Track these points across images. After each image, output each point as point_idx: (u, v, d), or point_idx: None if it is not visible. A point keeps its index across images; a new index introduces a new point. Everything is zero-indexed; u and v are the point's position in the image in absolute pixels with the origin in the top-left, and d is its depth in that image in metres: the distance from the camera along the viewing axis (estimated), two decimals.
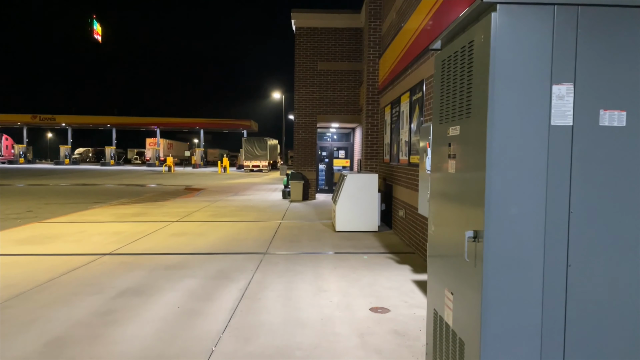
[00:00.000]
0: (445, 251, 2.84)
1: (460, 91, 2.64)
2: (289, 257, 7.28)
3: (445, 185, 2.88)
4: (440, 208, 2.97)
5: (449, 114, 2.82)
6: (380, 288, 5.65)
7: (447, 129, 2.86)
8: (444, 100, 2.93)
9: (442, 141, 2.95)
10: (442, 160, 2.96)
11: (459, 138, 2.65)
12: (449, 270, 2.77)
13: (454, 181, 2.71)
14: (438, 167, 3.05)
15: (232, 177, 34.72)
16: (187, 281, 5.90)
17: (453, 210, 2.72)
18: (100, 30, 51.29)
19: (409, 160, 8.34)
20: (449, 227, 2.78)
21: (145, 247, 7.99)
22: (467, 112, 2.53)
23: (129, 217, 11.81)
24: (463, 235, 2.53)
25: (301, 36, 16.51)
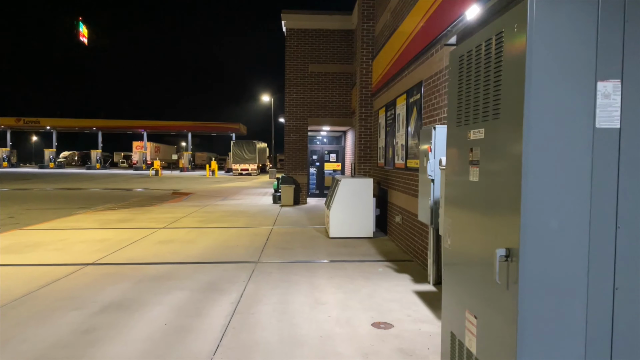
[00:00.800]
0: (467, 269, 2.54)
1: (485, 90, 2.34)
2: (283, 266, 6.95)
3: (465, 195, 2.58)
4: (458, 220, 2.67)
5: (470, 116, 2.53)
6: (381, 300, 5.34)
7: (467, 133, 2.56)
8: (463, 100, 2.63)
9: (461, 146, 2.66)
10: (460, 166, 2.67)
11: (483, 142, 2.36)
12: (472, 290, 2.47)
13: (478, 190, 2.41)
14: (455, 174, 2.75)
15: (221, 180, 34.24)
16: (175, 294, 5.54)
17: (476, 224, 2.42)
18: (86, 32, 50.69)
19: (406, 164, 8.06)
20: (471, 242, 2.48)
21: (131, 256, 7.60)
22: (495, 113, 2.23)
23: (115, 223, 11.38)
24: (489, 252, 2.23)
25: (292, 38, 16.21)
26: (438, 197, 5.67)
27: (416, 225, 7.41)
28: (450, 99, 2.85)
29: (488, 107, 2.31)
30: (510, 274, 2.04)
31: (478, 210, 2.40)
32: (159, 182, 31.42)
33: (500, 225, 2.15)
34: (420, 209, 6.19)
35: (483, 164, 2.36)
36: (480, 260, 2.36)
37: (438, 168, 5.63)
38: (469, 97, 2.55)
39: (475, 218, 2.44)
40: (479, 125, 2.41)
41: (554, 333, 1.99)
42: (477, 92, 2.45)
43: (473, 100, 2.49)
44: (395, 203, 9.04)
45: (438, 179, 5.65)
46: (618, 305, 2.00)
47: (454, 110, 2.77)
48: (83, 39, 50.56)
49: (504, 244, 2.11)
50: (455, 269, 2.72)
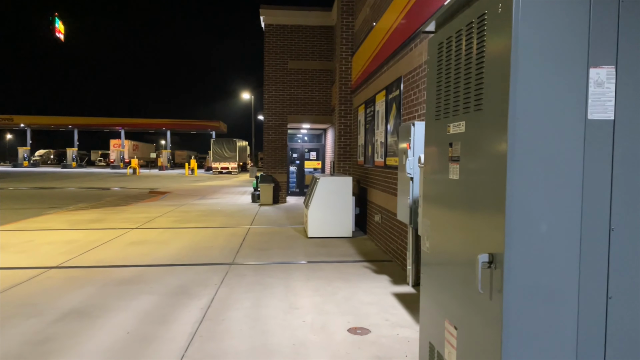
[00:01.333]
0: (447, 274, 2.33)
1: (467, 79, 2.13)
2: (258, 268, 6.69)
3: (444, 194, 2.37)
4: (438, 221, 2.46)
5: (450, 108, 2.32)
6: (358, 303, 5.13)
7: (446, 126, 2.35)
8: (442, 92, 2.42)
9: (440, 141, 2.44)
10: (439, 163, 2.45)
11: (464, 136, 2.15)
12: (452, 298, 2.26)
13: (458, 189, 2.20)
14: (434, 172, 2.54)
15: (200, 179, 33.74)
16: (142, 299, 5.24)
17: (457, 226, 2.21)
18: (62, 28, 49.63)
19: (385, 162, 7.87)
20: (452, 245, 2.27)
21: (99, 258, 7.25)
22: (477, 105, 2.02)
23: (85, 223, 10.96)
24: (470, 257, 2.02)
25: (270, 34, 15.91)
26: (417, 196, 5.48)
27: (395, 225, 7.23)
28: (429, 91, 2.64)
29: (469, 98, 2.10)
30: (494, 282, 1.84)
31: (459, 211, 2.19)
32: (136, 181, 30.78)
33: (482, 228, 1.95)
34: (399, 208, 6.00)
35: (464, 161, 2.15)
36: (462, 265, 2.15)
37: (417, 166, 5.44)
38: (448, 88, 2.34)
39: (455, 219, 2.23)
40: (460, 118, 2.20)
41: (542, 347, 1.79)
42: (457, 82, 2.24)
43: (453, 91, 2.28)
44: (374, 202, 8.85)
45: (417, 177, 5.46)
46: (611, 315, 1.81)
47: (433, 102, 2.56)
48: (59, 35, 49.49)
49: (486, 248, 1.90)
50: (435, 274, 2.51)
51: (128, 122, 57.66)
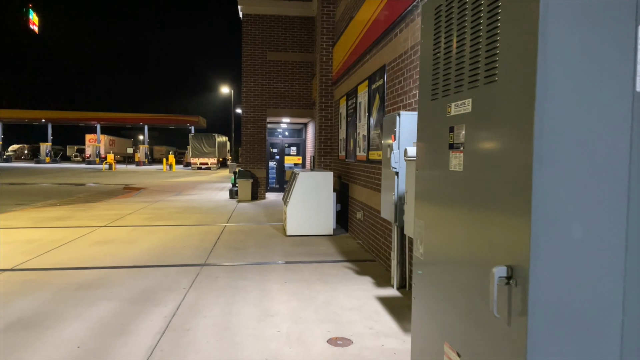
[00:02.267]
0: (447, 288, 1.91)
1: (474, 44, 1.71)
2: (232, 270, 6.22)
3: (443, 190, 1.95)
4: (434, 223, 2.04)
5: (450, 84, 1.89)
6: (339, 309, 4.71)
7: (445, 107, 1.93)
8: (441, 65, 2.00)
9: (437, 125, 2.02)
10: (436, 153, 2.03)
11: (471, 117, 1.72)
12: (454, 317, 1.84)
13: (462, 184, 1.78)
14: (429, 163, 2.12)
15: (178, 175, 32.96)
16: (101, 306, 4.74)
17: (461, 229, 1.79)
18: (36, 20, 48.28)
19: (368, 156, 7.46)
20: (454, 253, 1.85)
21: (59, 260, 6.69)
22: (489, 75, 1.60)
23: (50, 221, 10.32)
24: (480, 269, 1.60)
25: (249, 24, 15.36)
26: (403, 192, 5.08)
27: (379, 223, 6.83)
28: (423, 68, 2.21)
29: (478, 67, 1.67)
30: (514, 302, 1.42)
31: (463, 210, 1.77)
32: (112, 177, 29.88)
33: (497, 233, 1.53)
34: (383, 205, 5.59)
35: (470, 148, 1.73)
36: (468, 278, 1.74)
37: (403, 159, 5.04)
38: (449, 59, 1.92)
39: (458, 221, 1.81)
40: (464, 94, 1.77)
41: None
42: (461, 50, 1.81)
43: (455, 62, 1.85)
44: (356, 198, 8.44)
45: (403, 172, 5.06)
46: None
47: (429, 80, 2.13)
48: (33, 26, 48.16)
49: (503, 259, 1.48)
50: (431, 285, 2.09)
51: (104, 116, 56.24)
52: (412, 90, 5.41)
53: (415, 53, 5.30)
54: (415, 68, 5.27)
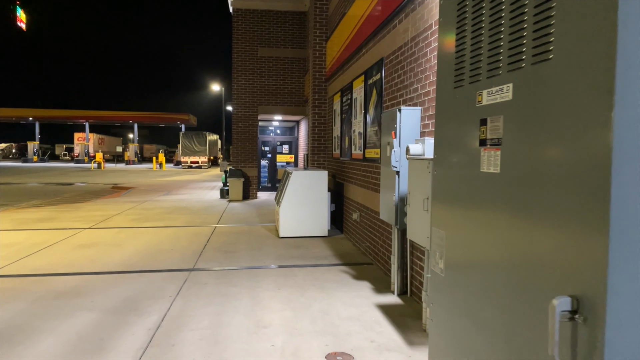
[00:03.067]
0: (479, 316, 1.58)
1: (516, 13, 1.38)
2: (222, 275, 5.87)
3: (471, 195, 1.63)
4: (459, 235, 1.71)
5: (482, 66, 1.57)
6: (337, 319, 4.38)
7: (475, 95, 1.60)
8: (467, 44, 1.66)
9: (463, 117, 1.69)
10: (461, 149, 1.70)
11: (512, 106, 1.40)
12: (489, 354, 1.51)
13: (499, 188, 1.45)
14: (451, 163, 1.79)
15: (168, 174, 32.46)
16: (79, 317, 4.37)
17: (499, 243, 1.46)
18: (24, 17, 47.46)
19: (364, 154, 7.14)
20: (488, 274, 1.52)
21: (39, 265, 6.30)
22: (540, 52, 1.27)
23: (33, 223, 9.89)
24: (529, 296, 1.27)
25: (239, 18, 14.96)
26: (405, 193, 4.76)
27: (376, 224, 6.51)
28: (442, 48, 1.88)
29: (523, 42, 1.34)
30: (582, 343, 1.09)
31: (501, 221, 1.44)
32: (100, 176, 29.32)
33: (555, 252, 1.20)
34: (382, 206, 5.27)
35: (511, 144, 1.40)
36: (510, 307, 1.40)
37: (405, 158, 4.71)
38: (478, 36, 1.59)
39: (494, 234, 1.48)
40: (502, 78, 1.44)
41: None
42: (497, 21, 1.48)
43: (488, 38, 1.52)
44: (352, 198, 8.12)
45: (405, 171, 4.74)
46: None
47: (450, 64, 1.80)
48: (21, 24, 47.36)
49: (564, 287, 1.15)
50: (455, 314, 1.76)
51: (92, 114, 55.41)
52: (413, 84, 5.08)
53: (416, 45, 4.97)
54: (417, 60, 4.95)
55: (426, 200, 3.76)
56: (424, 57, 4.77)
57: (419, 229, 3.95)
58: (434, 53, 4.49)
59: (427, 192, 3.75)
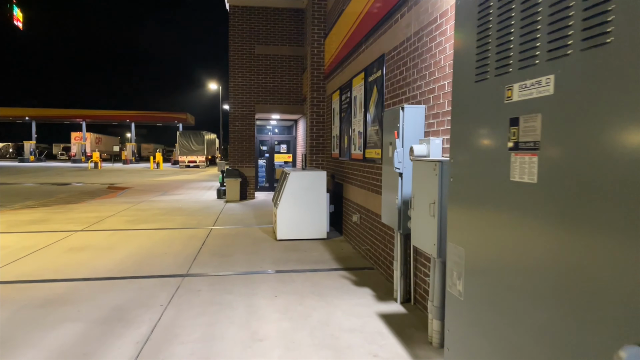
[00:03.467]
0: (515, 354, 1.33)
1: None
2: (217, 281, 5.62)
3: (500, 210, 1.37)
4: (485, 253, 1.46)
5: (512, 55, 1.31)
6: (337, 330, 4.13)
7: (502, 91, 1.36)
8: (493, 28, 1.41)
9: (486, 115, 1.44)
10: (485, 154, 1.46)
11: (554, 102, 1.15)
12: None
13: (538, 202, 1.21)
14: (472, 170, 1.54)
15: (165, 173, 32.18)
16: (63, 329, 4.12)
17: (536, 269, 1.21)
18: (20, 16, 47.17)
19: (365, 154, 6.89)
20: (522, 303, 1.27)
21: (27, 270, 6.04)
22: (592, 37, 1.02)
23: (24, 225, 9.63)
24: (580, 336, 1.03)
25: (236, 16, 14.69)
26: (408, 196, 4.51)
27: (377, 227, 6.26)
28: (460, 36, 1.63)
29: (569, 24, 1.09)
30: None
31: (539, 242, 1.19)
32: (97, 176, 29.04)
33: (619, 283, 0.95)
34: (384, 209, 5.02)
35: (550, 149, 1.15)
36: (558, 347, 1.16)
37: (408, 159, 4.47)
38: (507, 19, 1.34)
39: (530, 257, 1.23)
40: (540, 69, 1.20)
41: None
42: (530, 3, 1.23)
43: (520, 22, 1.27)
44: (351, 199, 7.87)
45: (408, 173, 4.49)
46: None
47: (469, 51, 1.55)
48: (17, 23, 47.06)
49: (632, 328, 0.90)
50: (482, 347, 1.51)
51: (89, 113, 55.09)
52: (416, 81, 4.83)
53: (420, 39, 4.72)
54: (421, 56, 4.70)
55: (433, 205, 3.51)
56: (428, 53, 4.52)
57: (424, 235, 3.70)
58: (439, 48, 4.24)
59: (433, 196, 3.51)
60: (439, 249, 3.46)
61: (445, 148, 4.07)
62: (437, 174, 3.44)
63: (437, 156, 4.11)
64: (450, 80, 4.00)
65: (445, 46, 4.09)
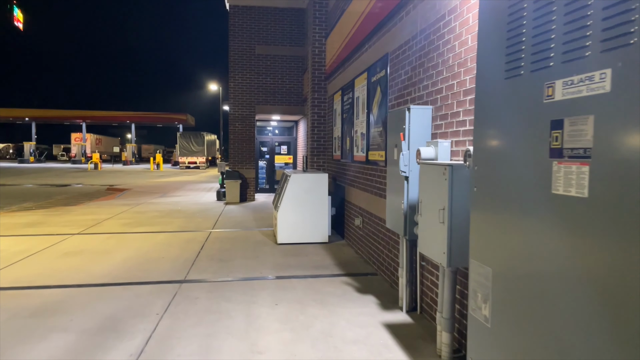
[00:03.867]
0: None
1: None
2: (215, 288, 5.43)
3: (539, 226, 1.18)
4: (519, 275, 1.26)
5: (554, 46, 1.12)
6: (341, 341, 3.93)
7: (540, 87, 1.16)
8: (528, 14, 1.22)
9: (520, 117, 1.25)
10: (519, 161, 1.26)
11: (611, 101, 0.95)
12: None
13: (592, 221, 1.01)
14: (501, 179, 1.35)
15: (165, 174, 32.00)
16: (53, 340, 3.92)
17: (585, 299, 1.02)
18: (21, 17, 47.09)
19: (368, 157, 6.69)
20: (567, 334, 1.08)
21: (19, 276, 5.85)
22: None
23: (20, 228, 9.44)
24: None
25: (236, 15, 14.50)
26: (415, 201, 4.32)
27: (381, 231, 6.06)
28: (485, 25, 1.44)
29: (631, 8, 0.90)
30: None
31: (594, 266, 1.00)
32: (96, 177, 28.86)
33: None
34: (389, 214, 4.83)
35: (606, 157, 0.96)
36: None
37: (415, 162, 4.27)
38: (547, 4, 1.14)
39: (580, 281, 1.04)
40: (591, 62, 1.00)
41: None
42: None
43: (564, 8, 1.08)
44: (354, 202, 7.67)
45: (415, 176, 4.30)
46: None
47: (498, 42, 1.35)
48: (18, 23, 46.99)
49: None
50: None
51: (89, 114, 54.92)
52: (422, 81, 4.64)
53: (427, 37, 4.53)
54: (427, 55, 4.51)
55: (442, 211, 3.32)
56: (435, 51, 4.32)
57: (433, 242, 3.51)
58: (448, 46, 4.05)
59: (443, 202, 3.31)
60: (449, 258, 3.27)
61: (454, 151, 3.88)
62: (447, 179, 3.25)
63: (445, 159, 3.92)
64: (459, 80, 3.81)
65: (455, 44, 3.90)
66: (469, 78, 3.62)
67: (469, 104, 3.61)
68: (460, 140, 3.77)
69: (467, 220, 3.25)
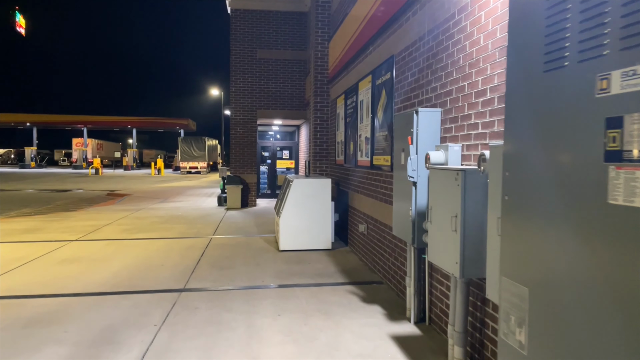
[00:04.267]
0: None
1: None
2: (215, 297, 5.25)
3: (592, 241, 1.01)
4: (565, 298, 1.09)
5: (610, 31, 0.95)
6: (347, 355, 3.75)
7: (590, 80, 1.00)
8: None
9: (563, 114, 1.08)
10: (562, 165, 1.09)
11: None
12: None
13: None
14: (541, 184, 1.18)
15: (166, 180, 31.85)
16: (47, 353, 3.75)
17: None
18: (23, 22, 47.22)
19: (372, 161, 6.53)
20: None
21: (14, 285, 5.69)
22: None
23: (18, 234, 9.28)
24: None
25: (237, 19, 14.39)
26: (423, 207, 4.15)
27: (386, 238, 5.89)
28: (519, 10, 1.27)
29: None
30: None
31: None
32: (97, 182, 28.71)
33: None
34: (395, 220, 4.65)
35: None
36: None
37: (424, 167, 4.11)
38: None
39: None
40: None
41: None
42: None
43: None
44: (358, 208, 7.50)
45: (424, 182, 4.13)
46: None
47: (537, 30, 1.19)
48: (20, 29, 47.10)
49: None
50: None
51: (91, 119, 54.88)
52: (430, 83, 4.48)
53: (435, 38, 4.37)
54: (436, 56, 4.35)
55: (454, 219, 3.14)
56: (444, 52, 4.17)
57: (444, 251, 3.34)
58: (458, 46, 3.89)
59: (455, 209, 3.14)
60: (462, 269, 3.10)
61: (465, 155, 3.72)
62: (460, 185, 3.08)
63: (456, 164, 3.75)
64: (470, 81, 3.64)
65: (465, 44, 3.74)
66: (482, 79, 3.46)
67: (481, 106, 3.45)
68: (472, 144, 3.60)
69: (480, 229, 3.08)
